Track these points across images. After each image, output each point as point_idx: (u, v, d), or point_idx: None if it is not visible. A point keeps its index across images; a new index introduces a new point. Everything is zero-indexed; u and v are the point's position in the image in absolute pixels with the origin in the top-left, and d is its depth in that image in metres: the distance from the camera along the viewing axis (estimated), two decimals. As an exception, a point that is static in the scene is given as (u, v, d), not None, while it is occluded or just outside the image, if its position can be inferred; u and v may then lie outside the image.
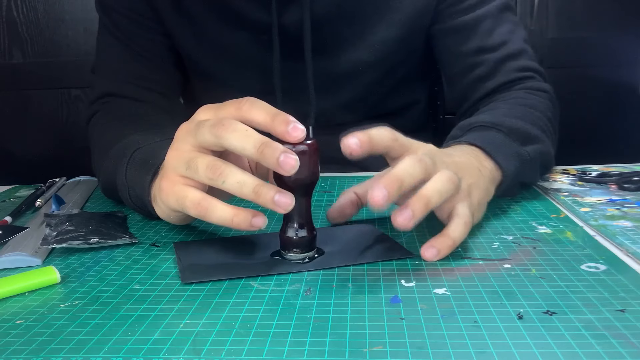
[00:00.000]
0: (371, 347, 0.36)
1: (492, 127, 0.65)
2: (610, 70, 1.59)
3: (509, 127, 0.64)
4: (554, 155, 0.74)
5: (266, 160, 0.45)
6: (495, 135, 0.63)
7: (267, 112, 0.47)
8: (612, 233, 0.54)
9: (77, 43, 1.71)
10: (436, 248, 0.49)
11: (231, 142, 0.46)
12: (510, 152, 0.62)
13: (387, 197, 0.45)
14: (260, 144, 0.46)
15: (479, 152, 0.60)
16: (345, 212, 0.59)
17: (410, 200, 0.47)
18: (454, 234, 0.50)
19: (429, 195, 0.47)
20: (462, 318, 0.39)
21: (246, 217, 0.47)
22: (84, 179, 0.84)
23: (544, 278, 0.45)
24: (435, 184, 0.48)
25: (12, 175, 1.11)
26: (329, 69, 0.83)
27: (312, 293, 0.44)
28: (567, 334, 0.37)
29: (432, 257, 0.49)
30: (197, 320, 0.41)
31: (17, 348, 0.38)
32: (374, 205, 0.45)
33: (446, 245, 0.49)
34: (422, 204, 0.46)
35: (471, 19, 0.80)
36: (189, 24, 0.82)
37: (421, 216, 0.46)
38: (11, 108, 1.76)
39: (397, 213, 0.46)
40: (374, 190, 0.45)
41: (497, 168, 0.60)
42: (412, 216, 0.46)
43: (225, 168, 0.47)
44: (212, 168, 0.47)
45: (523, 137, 0.65)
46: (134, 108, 0.80)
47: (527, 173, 0.65)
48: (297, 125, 0.46)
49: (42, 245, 0.54)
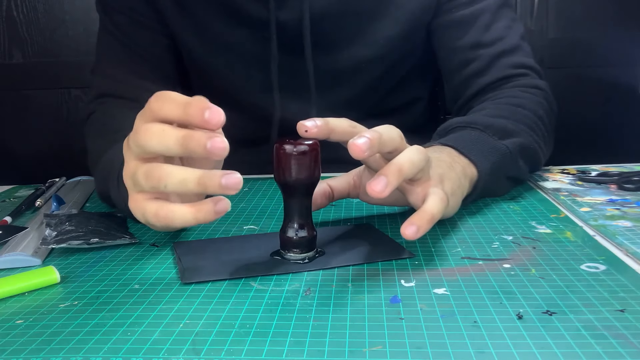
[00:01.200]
0: (371, 347, 0.36)
1: (467, 126, 0.66)
2: (610, 70, 1.59)
3: (483, 124, 0.65)
4: (550, 152, 0.74)
5: (194, 151, 0.43)
6: (469, 133, 0.64)
7: (178, 103, 0.44)
8: (611, 233, 0.54)
9: (77, 43, 1.71)
10: (415, 225, 0.47)
11: (152, 146, 0.44)
12: (485, 148, 0.62)
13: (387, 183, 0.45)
14: (180, 138, 0.43)
15: (451, 150, 0.61)
16: (316, 202, 0.58)
17: (384, 169, 0.47)
18: (431, 209, 0.49)
19: (401, 163, 0.47)
20: (462, 318, 0.39)
21: (208, 208, 0.44)
22: (83, 179, 0.84)
23: (544, 278, 0.45)
24: (406, 153, 0.48)
25: (12, 175, 1.11)
26: (329, 66, 0.83)
27: (312, 293, 0.44)
28: (567, 334, 0.37)
29: (412, 235, 0.47)
30: (196, 320, 0.41)
31: (17, 348, 0.38)
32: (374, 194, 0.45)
33: (425, 221, 0.48)
34: (395, 170, 0.46)
35: (469, 13, 0.81)
36: (189, 21, 0.82)
37: (396, 183, 0.46)
38: (11, 108, 1.76)
39: (372, 182, 0.46)
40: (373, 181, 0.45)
41: (471, 164, 0.60)
42: (387, 183, 0.45)
43: (162, 171, 0.44)
44: (149, 176, 0.45)
45: (500, 131, 0.65)
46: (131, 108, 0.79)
47: (509, 167, 0.65)
48: (213, 110, 0.42)
49: (42, 245, 0.54)
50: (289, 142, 0.48)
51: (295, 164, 0.47)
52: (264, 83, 0.83)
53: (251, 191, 0.75)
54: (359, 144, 0.45)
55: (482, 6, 0.81)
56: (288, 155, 0.47)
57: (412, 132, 0.55)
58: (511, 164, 0.65)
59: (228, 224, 0.62)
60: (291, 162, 0.47)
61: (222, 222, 0.63)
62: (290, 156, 0.47)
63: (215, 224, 0.62)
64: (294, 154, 0.47)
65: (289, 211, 0.50)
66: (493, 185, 0.63)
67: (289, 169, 0.47)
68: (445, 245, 0.53)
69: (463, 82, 0.82)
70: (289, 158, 0.47)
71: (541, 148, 0.71)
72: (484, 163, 0.61)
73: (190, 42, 0.84)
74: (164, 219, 0.46)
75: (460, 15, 0.81)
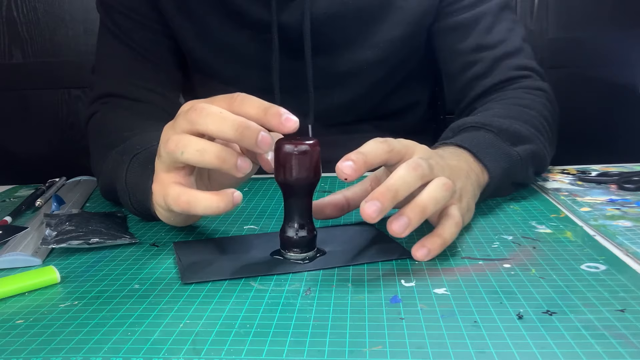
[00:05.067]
0: (371, 347, 0.36)
1: (481, 127, 0.65)
2: (610, 70, 1.59)
3: (498, 127, 0.64)
4: (553, 153, 0.74)
5: (245, 141, 0.45)
6: (484, 136, 0.63)
7: (259, 105, 0.47)
8: (612, 233, 0.54)
9: (77, 43, 1.71)
10: (427, 247, 0.48)
11: (207, 126, 0.46)
12: (498, 153, 0.62)
13: (380, 209, 0.44)
14: (238, 125, 0.45)
15: (467, 154, 0.60)
16: (324, 212, 0.57)
17: (406, 208, 0.46)
18: (445, 234, 0.49)
19: (425, 204, 0.47)
20: (462, 318, 0.39)
21: (228, 197, 0.46)
22: (83, 179, 0.84)
23: (544, 278, 0.45)
24: (431, 192, 0.48)
25: (12, 175, 1.11)
26: (330, 68, 0.83)
27: (312, 293, 0.44)
28: (567, 334, 0.37)
29: (423, 257, 0.48)
30: (197, 320, 0.41)
31: (17, 348, 0.38)
32: (367, 218, 0.44)
33: (437, 245, 0.48)
34: (418, 212, 0.46)
35: (471, 16, 0.81)
36: (191, 22, 0.82)
37: (416, 224, 0.46)
38: (11, 108, 1.76)
39: (392, 220, 0.46)
40: (366, 203, 0.44)
41: (484, 170, 0.60)
42: (408, 224, 0.45)
43: (184, 138, 0.46)
44: (169, 142, 0.46)
45: (513, 137, 0.65)
46: (133, 108, 0.80)
47: (518, 173, 0.65)
48: (289, 117, 0.46)
49: (42, 245, 0.54)
50: (289, 141, 0.48)
51: (295, 164, 0.47)
52: (265, 84, 0.83)
53: (251, 191, 0.75)
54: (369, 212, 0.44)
55: (484, 9, 0.81)
56: (288, 155, 0.47)
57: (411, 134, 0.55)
58: (520, 171, 0.65)
59: (228, 224, 0.62)
60: (292, 161, 0.47)
61: (222, 222, 0.63)
62: (291, 156, 0.47)
63: (215, 224, 0.62)
64: (294, 154, 0.47)
65: (289, 211, 0.50)
66: (498, 189, 0.63)
67: (290, 169, 0.47)
68: (445, 245, 0.53)
69: (466, 84, 0.82)
70: (290, 158, 0.47)
71: (547, 151, 0.71)
72: (497, 170, 0.61)
73: (192, 43, 0.84)
74: (185, 204, 0.47)
75: (462, 19, 0.81)
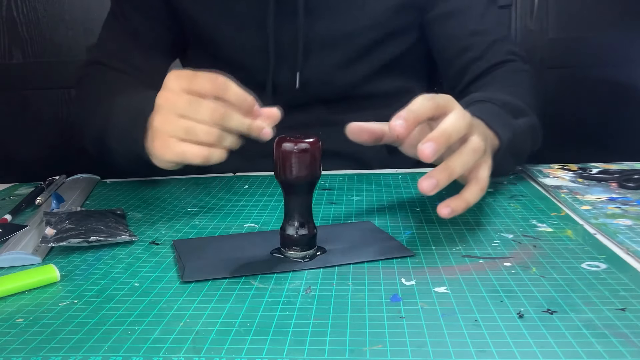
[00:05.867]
0: (371, 345, 0.36)
1: (487, 101, 0.68)
2: (610, 70, 1.59)
3: (502, 101, 0.68)
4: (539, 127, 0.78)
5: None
6: (491, 107, 0.67)
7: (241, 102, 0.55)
8: (612, 231, 0.54)
9: (77, 43, 1.71)
10: (451, 207, 0.50)
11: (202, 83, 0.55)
12: (505, 123, 0.65)
13: (436, 150, 0.47)
14: None
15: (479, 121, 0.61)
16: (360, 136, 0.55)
17: (435, 170, 0.48)
18: (470, 198, 0.52)
19: (454, 167, 0.49)
20: (463, 317, 0.39)
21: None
22: (83, 177, 0.84)
23: (545, 276, 0.45)
24: (462, 156, 0.50)
25: (12, 175, 1.10)
26: (325, 29, 0.85)
27: (312, 291, 0.44)
28: (568, 332, 0.37)
29: (446, 215, 0.50)
30: (197, 319, 0.41)
31: (17, 347, 0.38)
32: (424, 158, 0.46)
33: (460, 207, 0.51)
34: (446, 174, 0.48)
35: (463, 3, 0.86)
36: None
37: (444, 185, 0.48)
38: (11, 108, 1.76)
39: (423, 180, 0.48)
40: (423, 145, 0.47)
41: (495, 137, 0.62)
42: (436, 185, 0.48)
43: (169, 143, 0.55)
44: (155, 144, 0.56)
45: (515, 110, 0.69)
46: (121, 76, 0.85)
47: (518, 145, 0.68)
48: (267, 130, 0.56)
49: (42, 244, 0.54)
50: (290, 139, 0.48)
51: (296, 162, 0.47)
52: (260, 44, 0.85)
53: (251, 189, 0.75)
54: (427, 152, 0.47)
55: None
56: (289, 153, 0.47)
57: None
58: (520, 142, 0.68)
59: (228, 222, 0.62)
60: (292, 159, 0.47)
61: (222, 220, 0.63)
62: (291, 154, 0.47)
63: (215, 222, 0.62)
64: (295, 152, 0.47)
65: (289, 209, 0.50)
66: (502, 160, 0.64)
67: (290, 167, 0.47)
68: (445, 243, 0.53)
69: (462, 68, 0.86)
70: (290, 155, 0.47)
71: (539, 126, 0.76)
72: (505, 136, 0.63)
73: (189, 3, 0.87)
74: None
75: (455, 5, 0.85)
